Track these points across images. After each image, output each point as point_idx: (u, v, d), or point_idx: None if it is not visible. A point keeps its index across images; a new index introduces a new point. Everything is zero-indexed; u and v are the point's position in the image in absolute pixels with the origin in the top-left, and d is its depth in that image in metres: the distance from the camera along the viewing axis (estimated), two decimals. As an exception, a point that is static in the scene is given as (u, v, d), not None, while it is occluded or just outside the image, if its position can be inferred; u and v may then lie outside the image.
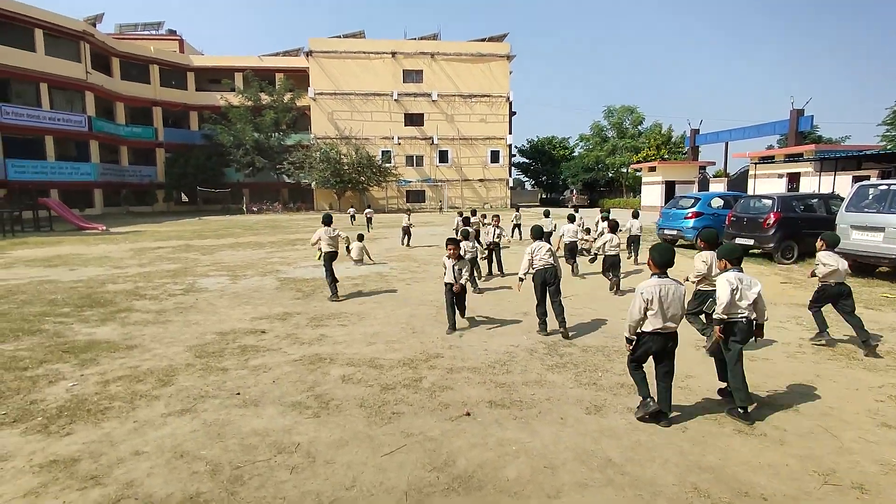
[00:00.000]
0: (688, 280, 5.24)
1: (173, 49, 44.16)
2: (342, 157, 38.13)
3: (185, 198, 42.92)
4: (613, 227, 8.93)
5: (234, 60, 43.45)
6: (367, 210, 22.06)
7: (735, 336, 3.88)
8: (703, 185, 33.36)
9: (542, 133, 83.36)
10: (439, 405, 4.05)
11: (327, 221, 8.24)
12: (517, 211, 17.57)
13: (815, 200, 12.25)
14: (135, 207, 38.34)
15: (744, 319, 3.86)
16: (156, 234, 20.91)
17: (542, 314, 5.96)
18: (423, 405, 4.06)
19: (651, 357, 3.71)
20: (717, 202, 14.50)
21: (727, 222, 12.72)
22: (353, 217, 25.58)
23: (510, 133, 43.38)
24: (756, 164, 24.11)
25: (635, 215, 12.02)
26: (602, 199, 46.86)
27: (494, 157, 43.26)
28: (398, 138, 41.56)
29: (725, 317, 3.88)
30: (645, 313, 3.61)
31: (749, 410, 3.78)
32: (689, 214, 14.24)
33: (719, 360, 4.09)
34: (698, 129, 36.44)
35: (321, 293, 8.48)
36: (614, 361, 5.03)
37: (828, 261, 5.37)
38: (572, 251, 10.36)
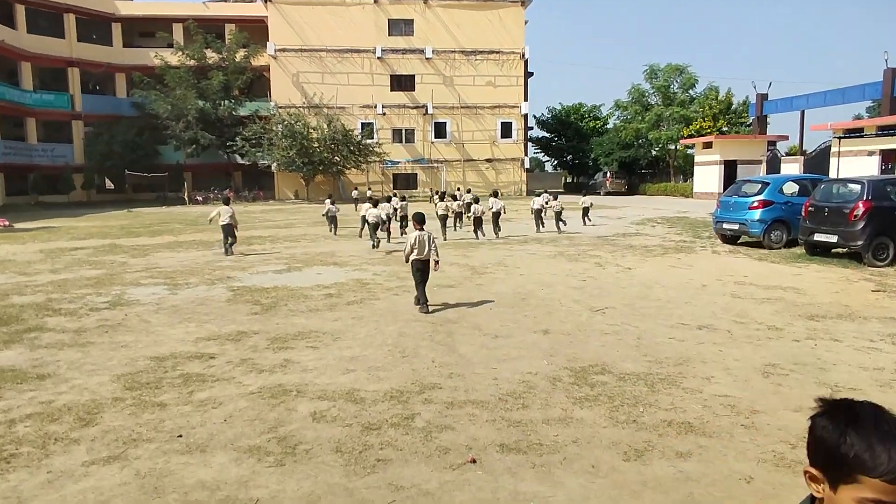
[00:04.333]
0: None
1: (95, -7, 44.22)
2: (311, 131, 38.25)
3: (109, 184, 42.84)
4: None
5: (172, 8, 43.67)
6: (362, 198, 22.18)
7: (419, 267, 8.01)
8: (773, 165, 33.49)
9: (567, 100, 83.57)
10: (437, 450, 4.08)
11: (226, 203, 14.32)
12: (556, 199, 17.96)
13: (917, 185, 12.30)
14: (46, 197, 38.47)
15: (428, 260, 8.05)
16: (73, 230, 20.93)
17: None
18: (415, 450, 4.08)
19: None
20: (790, 188, 14.57)
21: (804, 213, 12.75)
22: (357, 202, 25.92)
23: (526, 100, 43.62)
24: (840, 138, 24.22)
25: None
26: (644, 183, 46.96)
27: (506, 130, 43.44)
28: (382, 107, 41.72)
29: (415, 257, 7.96)
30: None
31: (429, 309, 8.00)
32: (756, 203, 14.28)
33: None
34: (766, 95, 36.57)
35: (284, 306, 8.53)
36: (659, 393, 5.06)
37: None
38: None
